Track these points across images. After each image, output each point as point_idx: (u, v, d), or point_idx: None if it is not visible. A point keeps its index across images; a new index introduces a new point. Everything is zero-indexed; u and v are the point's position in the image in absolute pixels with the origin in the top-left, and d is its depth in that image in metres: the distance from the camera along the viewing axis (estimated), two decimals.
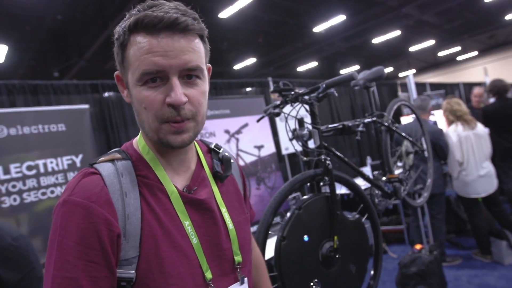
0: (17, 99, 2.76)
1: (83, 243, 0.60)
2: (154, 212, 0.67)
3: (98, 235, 0.61)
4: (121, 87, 0.73)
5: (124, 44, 0.66)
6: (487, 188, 3.36)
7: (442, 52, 16.82)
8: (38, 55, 9.24)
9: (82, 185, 0.64)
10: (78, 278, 0.59)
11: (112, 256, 0.62)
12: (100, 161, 0.69)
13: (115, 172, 0.67)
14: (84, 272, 0.59)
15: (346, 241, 1.43)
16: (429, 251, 2.79)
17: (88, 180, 0.65)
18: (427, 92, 6.74)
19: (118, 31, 0.67)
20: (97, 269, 0.61)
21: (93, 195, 0.63)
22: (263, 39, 11.23)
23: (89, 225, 0.61)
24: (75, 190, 0.63)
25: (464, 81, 8.93)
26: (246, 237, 0.83)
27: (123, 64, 0.68)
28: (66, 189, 0.66)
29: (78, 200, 0.62)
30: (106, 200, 0.64)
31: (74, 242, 0.60)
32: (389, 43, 13.18)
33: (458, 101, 3.60)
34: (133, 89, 0.67)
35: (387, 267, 3.74)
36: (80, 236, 0.60)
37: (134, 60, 0.65)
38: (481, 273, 3.23)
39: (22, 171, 2.40)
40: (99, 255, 0.61)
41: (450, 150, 3.45)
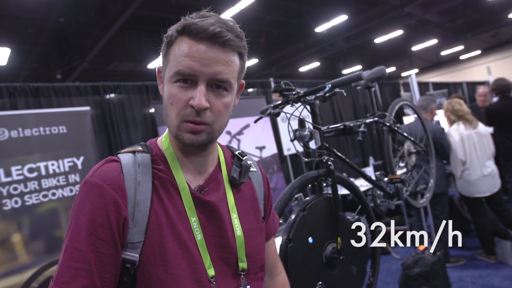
0: (18, 101, 2.77)
1: (94, 220, 0.66)
2: (163, 204, 0.72)
3: (108, 214, 0.67)
4: (159, 80, 0.79)
5: (170, 43, 0.73)
6: (490, 187, 3.33)
7: (445, 51, 16.74)
8: (40, 58, 9.28)
9: (102, 169, 0.72)
10: (86, 251, 0.65)
11: (118, 236, 0.68)
12: (124, 152, 0.76)
13: (133, 162, 0.73)
14: (92, 247, 0.65)
15: (348, 243, 1.42)
16: (433, 252, 2.76)
17: (108, 166, 0.72)
18: (430, 92, 6.71)
19: (169, 30, 0.74)
20: (104, 246, 0.66)
21: (109, 179, 0.70)
22: (265, 39, 11.23)
23: (101, 205, 0.67)
24: (96, 173, 0.71)
25: (467, 80, 8.88)
26: (257, 246, 0.83)
27: (165, 60, 0.75)
28: (90, 171, 0.73)
29: (95, 181, 0.69)
30: (120, 185, 0.70)
31: (87, 218, 0.67)
32: (392, 42, 13.14)
33: (459, 101, 3.58)
34: (167, 84, 0.73)
35: (390, 268, 3.71)
36: (92, 214, 0.67)
37: (173, 58, 0.71)
38: (485, 274, 3.20)
39: (23, 174, 2.40)
40: (107, 233, 0.67)
41: (452, 149, 3.43)
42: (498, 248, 3.37)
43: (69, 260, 0.65)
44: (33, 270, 2.33)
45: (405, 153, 2.20)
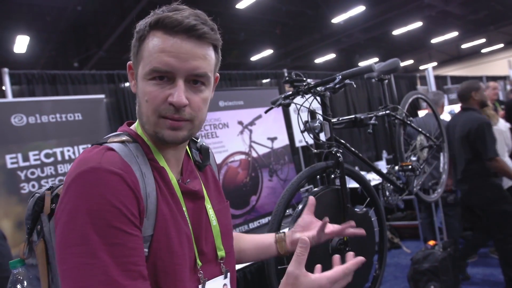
0: (36, 88, 2.84)
1: (128, 210, 0.60)
2: (164, 194, 0.70)
3: (136, 202, 0.62)
4: (131, 77, 0.77)
5: (142, 38, 0.70)
6: (505, 182, 3.26)
7: (466, 44, 16.27)
8: (58, 46, 9.44)
9: (109, 157, 0.63)
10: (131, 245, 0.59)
11: (140, 228, 0.63)
12: (111, 141, 0.69)
13: (130, 153, 0.68)
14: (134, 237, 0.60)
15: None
16: (443, 248, 2.74)
17: (113, 155, 0.65)
18: (448, 86, 6.56)
19: (140, 25, 0.71)
20: (140, 237, 0.62)
21: (123, 167, 0.63)
22: (281, 30, 11.12)
23: (129, 193, 0.61)
24: (103, 160, 0.62)
25: (487, 74, 8.63)
26: (229, 228, 0.85)
27: (137, 56, 0.71)
28: (87, 160, 0.62)
29: (111, 168, 0.61)
30: (134, 175, 0.64)
31: (118, 209, 0.59)
32: (410, 34, 12.84)
33: None
34: (141, 81, 0.69)
35: (400, 263, 3.70)
36: (125, 202, 0.60)
37: (147, 55, 0.68)
38: (497, 272, 3.15)
39: (40, 159, 2.47)
40: (139, 223, 0.62)
41: None
42: None
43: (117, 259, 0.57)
44: None
45: (417, 146, 2.17)
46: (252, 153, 3.03)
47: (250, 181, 2.97)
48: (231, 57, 12.64)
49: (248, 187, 2.95)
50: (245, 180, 2.95)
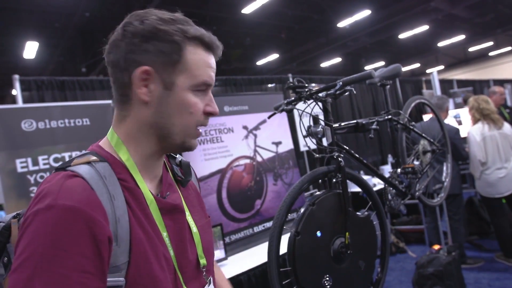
0: (45, 94, 2.91)
1: (77, 252, 0.55)
2: (137, 216, 0.66)
3: (94, 242, 0.57)
4: (143, 82, 0.68)
5: (178, 49, 0.68)
6: (510, 186, 3.25)
7: (473, 48, 16.15)
8: (66, 52, 9.60)
9: (67, 188, 0.59)
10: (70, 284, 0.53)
11: (107, 264, 0.59)
12: (76, 163, 0.64)
13: (97, 174, 0.63)
14: (78, 285, 0.54)
15: (356, 238, 1.44)
16: (448, 252, 2.73)
17: (73, 183, 0.60)
18: (454, 89, 6.53)
19: (169, 32, 0.67)
20: (92, 280, 0.56)
21: (83, 198, 0.58)
22: (286, 34, 11.18)
23: (83, 232, 0.56)
24: (61, 194, 0.57)
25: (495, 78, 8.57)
26: (210, 240, 0.85)
27: (176, 65, 0.68)
28: (45, 194, 0.58)
29: (68, 204, 0.56)
30: (97, 204, 0.60)
31: (66, 252, 0.54)
32: (417, 38, 12.79)
33: (486, 99, 3.47)
34: (182, 92, 0.69)
35: (405, 267, 3.69)
36: (73, 244, 0.55)
37: (195, 67, 0.69)
38: (503, 277, 3.13)
39: (49, 163, 2.52)
40: (95, 265, 0.57)
41: (471, 150, 3.36)
42: None
43: None
44: None
45: (420, 151, 2.18)
46: (256, 158, 3.06)
47: (254, 185, 2.99)
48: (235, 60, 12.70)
49: (253, 191, 2.98)
50: (249, 184, 2.98)
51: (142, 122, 0.70)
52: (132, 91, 0.68)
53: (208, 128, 2.80)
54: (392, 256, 4.05)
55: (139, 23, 0.68)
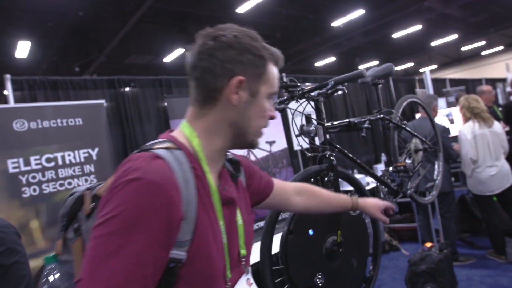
0: (37, 94, 2.89)
1: (153, 222, 0.63)
2: (203, 202, 0.74)
3: (168, 215, 0.65)
4: (235, 88, 0.78)
5: (263, 64, 0.81)
6: (501, 184, 3.29)
7: (466, 47, 16.29)
8: (60, 51, 9.53)
9: (154, 166, 0.68)
10: (144, 254, 0.62)
11: (174, 238, 0.67)
12: (158, 148, 0.73)
13: (175, 160, 0.71)
14: (150, 250, 0.63)
15: (348, 236, 1.45)
16: (440, 250, 2.76)
17: (158, 163, 0.69)
18: (447, 88, 6.59)
19: (259, 48, 0.81)
20: (161, 249, 0.65)
21: (166, 178, 0.67)
22: (281, 34, 11.18)
23: (161, 205, 0.65)
24: (149, 170, 0.66)
25: (487, 77, 8.66)
26: (251, 233, 0.93)
27: (261, 77, 0.82)
28: (135, 168, 0.67)
29: (154, 179, 0.65)
30: (176, 185, 0.68)
31: (146, 219, 0.63)
32: (410, 37, 12.87)
33: (476, 98, 3.51)
34: (262, 99, 0.82)
35: (398, 265, 3.72)
36: (152, 214, 0.63)
37: (272, 79, 0.83)
38: (494, 274, 3.17)
39: (41, 163, 2.51)
40: (166, 236, 0.65)
41: (463, 148, 3.40)
42: (508, 248, 3.33)
43: (124, 263, 0.61)
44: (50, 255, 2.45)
45: (412, 149, 2.20)
46: (250, 157, 3.06)
47: None
48: None
49: None
50: None
51: (224, 121, 0.80)
52: (221, 94, 0.78)
53: None
54: (386, 254, 4.08)
55: (233, 37, 0.78)
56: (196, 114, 0.81)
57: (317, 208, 1.22)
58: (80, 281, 0.61)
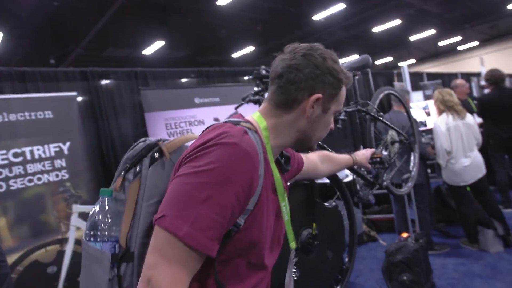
0: (4, 86, 2.76)
1: (241, 183, 0.73)
2: (266, 184, 0.83)
3: (251, 182, 0.75)
4: (312, 103, 0.87)
5: (340, 86, 0.91)
6: (474, 175, 3.38)
7: (443, 42, 16.65)
8: (34, 42, 9.15)
9: (246, 139, 0.78)
10: (227, 208, 0.72)
11: (247, 202, 0.77)
12: (243, 125, 0.83)
13: (255, 140, 0.81)
14: (232, 206, 0.72)
15: (323, 229, 1.45)
16: (415, 240, 2.81)
17: (248, 138, 0.79)
18: (424, 82, 6.71)
19: (339, 71, 0.90)
20: (237, 209, 0.74)
21: (254, 151, 0.77)
22: (262, 27, 11.11)
23: (249, 172, 0.75)
24: (243, 140, 0.76)
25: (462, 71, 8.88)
26: None
27: (335, 97, 0.91)
28: (231, 135, 0.76)
29: (247, 149, 0.75)
30: (258, 159, 0.78)
31: (236, 179, 0.72)
32: (390, 32, 13.03)
33: (449, 92, 3.59)
34: (330, 115, 0.93)
35: (376, 255, 3.78)
36: (240, 176, 0.73)
37: (341, 100, 0.93)
38: (467, 262, 3.27)
39: (8, 158, 2.40)
40: (244, 199, 0.75)
41: (437, 140, 3.47)
42: (481, 237, 3.43)
43: (210, 210, 0.70)
44: (18, 254, 2.36)
45: (388, 141, 2.22)
46: None
47: None
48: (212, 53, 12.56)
49: None
50: None
51: (293, 126, 0.90)
52: (299, 105, 0.88)
53: (178, 121, 2.75)
54: (364, 245, 4.14)
55: (321, 59, 0.88)
56: (269, 111, 0.90)
57: (334, 170, 1.43)
58: (163, 217, 0.69)
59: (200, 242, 0.69)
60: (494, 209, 3.50)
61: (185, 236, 0.68)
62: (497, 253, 3.31)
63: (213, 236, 0.71)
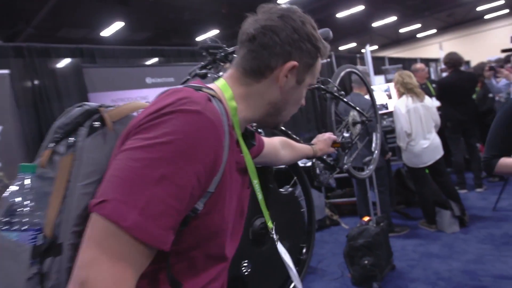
0: None
1: (202, 160, 0.60)
2: (230, 161, 0.70)
3: (215, 158, 0.63)
4: (287, 72, 0.77)
5: (317, 56, 0.81)
6: (432, 156, 3.43)
7: (404, 29, 17.09)
8: None
9: (211, 107, 0.65)
10: (185, 190, 0.58)
11: (208, 183, 0.64)
12: (206, 91, 0.70)
13: (220, 110, 0.68)
14: (191, 188, 0.59)
15: (279, 217, 1.32)
16: (376, 223, 2.79)
17: (213, 106, 0.66)
18: (386, 66, 6.79)
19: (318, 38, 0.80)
20: (198, 190, 0.61)
21: (220, 122, 0.65)
22: (227, 10, 10.77)
23: (213, 145, 0.62)
24: (207, 108, 0.64)
25: (422, 57, 9.12)
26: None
27: (311, 68, 0.81)
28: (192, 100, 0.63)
29: (213, 119, 0.63)
30: (223, 131, 0.66)
31: (196, 155, 0.60)
32: (353, 18, 13.16)
33: (409, 74, 3.60)
34: (304, 88, 0.83)
35: (338, 239, 3.77)
36: (202, 151, 0.60)
37: (316, 71, 0.83)
38: (425, 242, 3.32)
39: None
40: (207, 178, 0.63)
41: (398, 122, 3.48)
42: (438, 218, 3.50)
43: (165, 193, 0.56)
44: None
45: (350, 122, 2.13)
46: None
47: None
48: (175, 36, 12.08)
49: None
50: None
51: (264, 97, 0.78)
52: (272, 73, 0.76)
53: (128, 101, 2.52)
54: (327, 229, 4.14)
55: (300, 22, 0.77)
56: (237, 79, 0.79)
57: (294, 158, 1.31)
58: (104, 202, 0.55)
59: (151, 234, 0.55)
60: (451, 190, 3.58)
61: (131, 227, 0.54)
62: (454, 233, 3.40)
63: (168, 226, 0.57)
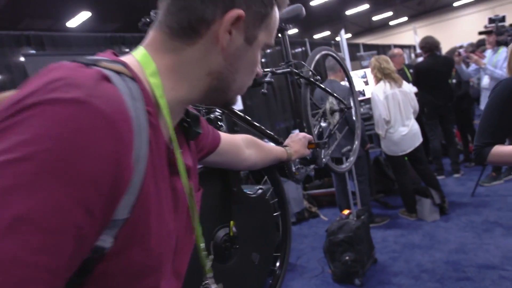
0: None
1: (92, 179, 0.37)
2: (154, 166, 0.48)
3: (117, 171, 0.39)
4: (229, 25, 0.53)
5: (271, 5, 0.58)
6: (412, 144, 3.34)
7: (376, 17, 17.24)
8: None
9: (105, 91, 0.41)
10: (63, 234, 0.35)
11: (113, 208, 0.41)
12: (106, 66, 0.46)
13: (129, 92, 0.45)
14: (75, 227, 0.36)
15: (246, 225, 1.10)
16: (357, 217, 2.65)
17: (110, 89, 0.42)
18: (361, 53, 6.69)
19: None
20: (92, 225, 0.38)
21: (120, 111, 0.41)
22: None
23: (110, 152, 0.39)
24: (97, 92, 0.39)
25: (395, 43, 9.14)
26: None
27: (263, 22, 0.57)
28: (70, 82, 0.38)
29: (102, 108, 0.38)
30: (130, 125, 0.42)
31: (80, 172, 0.36)
32: (327, 6, 13.10)
33: (386, 59, 3.46)
34: (256, 48, 0.59)
35: (318, 232, 3.63)
36: (92, 170, 0.37)
37: (273, 26, 0.61)
38: (406, 233, 3.22)
39: None
40: (103, 205, 0.39)
41: (376, 109, 3.34)
42: (418, 206, 3.41)
43: (18, 248, 0.32)
44: None
45: (327, 111, 1.93)
46: None
47: None
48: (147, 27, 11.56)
49: None
50: None
51: (202, 66, 0.55)
52: (208, 28, 0.53)
53: None
54: (305, 222, 3.99)
55: None
56: (162, 43, 0.54)
57: (262, 161, 1.07)
58: None
59: None
60: (430, 177, 3.50)
61: None
62: (434, 221, 3.31)
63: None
